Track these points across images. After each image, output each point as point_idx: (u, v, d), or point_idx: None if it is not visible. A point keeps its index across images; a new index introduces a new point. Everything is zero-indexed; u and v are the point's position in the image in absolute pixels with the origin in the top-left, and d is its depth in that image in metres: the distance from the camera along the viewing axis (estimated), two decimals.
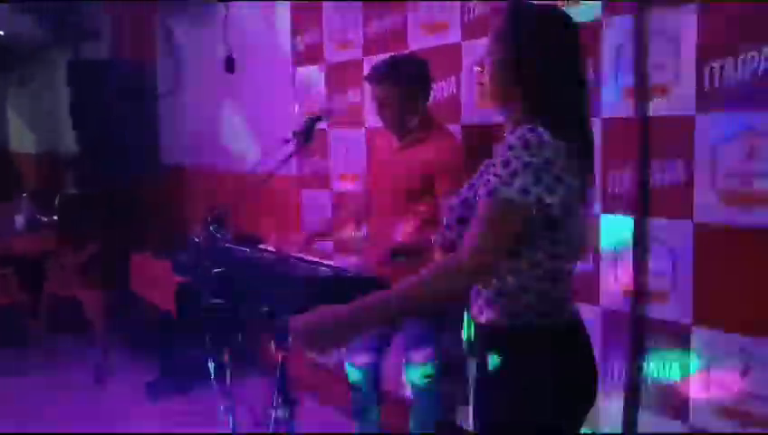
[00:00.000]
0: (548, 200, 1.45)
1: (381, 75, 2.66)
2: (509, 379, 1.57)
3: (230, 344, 2.63)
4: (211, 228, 2.49)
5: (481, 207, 1.48)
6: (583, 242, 1.64)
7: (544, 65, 1.53)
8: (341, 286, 2.22)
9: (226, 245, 2.73)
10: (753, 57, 2.06)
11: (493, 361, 1.58)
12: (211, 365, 2.62)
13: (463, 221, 1.56)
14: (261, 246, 2.77)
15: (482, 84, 1.62)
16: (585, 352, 1.63)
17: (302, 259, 2.49)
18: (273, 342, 2.43)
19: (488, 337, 1.61)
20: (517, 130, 1.49)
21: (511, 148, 1.46)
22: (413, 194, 2.64)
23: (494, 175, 1.46)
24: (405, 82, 2.63)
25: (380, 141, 2.97)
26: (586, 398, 1.62)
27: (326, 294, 2.20)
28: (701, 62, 2.16)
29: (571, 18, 1.60)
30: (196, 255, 2.60)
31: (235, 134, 4.45)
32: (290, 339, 1.66)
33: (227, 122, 4.54)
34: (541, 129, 1.46)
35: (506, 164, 1.45)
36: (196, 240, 2.53)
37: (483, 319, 1.61)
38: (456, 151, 2.67)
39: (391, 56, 2.81)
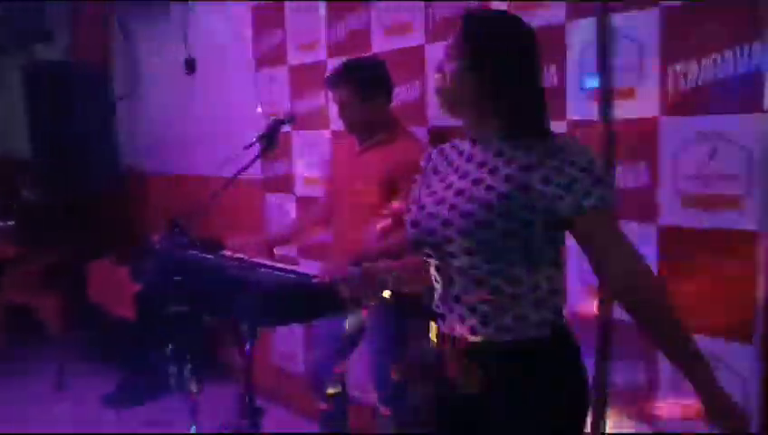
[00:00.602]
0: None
1: (338, 78, 2.63)
2: (524, 398, 1.54)
3: (192, 352, 2.58)
4: (170, 235, 2.43)
5: (601, 222, 1.48)
6: None
7: (506, 72, 1.52)
8: (304, 293, 2.18)
9: (188, 251, 2.67)
10: (715, 60, 2.07)
11: (505, 381, 1.55)
12: (172, 374, 2.56)
13: (487, 224, 1.49)
14: (224, 253, 2.72)
15: (442, 91, 1.60)
16: (581, 360, 1.64)
17: (265, 265, 2.44)
18: (236, 348, 2.38)
19: (486, 354, 1.56)
20: (555, 136, 1.52)
21: (580, 154, 1.49)
22: (376, 197, 2.61)
23: (588, 185, 1.46)
24: (362, 83, 2.60)
25: (341, 145, 2.93)
26: (588, 405, 1.66)
27: (289, 301, 2.17)
28: (665, 64, 2.17)
29: (526, 23, 1.59)
30: (155, 262, 2.54)
31: (198, 137, 4.37)
32: None
33: (189, 125, 4.45)
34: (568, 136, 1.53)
35: (585, 172, 1.47)
36: (156, 247, 2.47)
37: (478, 338, 1.56)
38: (422, 154, 2.64)
39: (348, 59, 2.79)
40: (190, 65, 4.25)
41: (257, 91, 3.80)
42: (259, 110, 3.79)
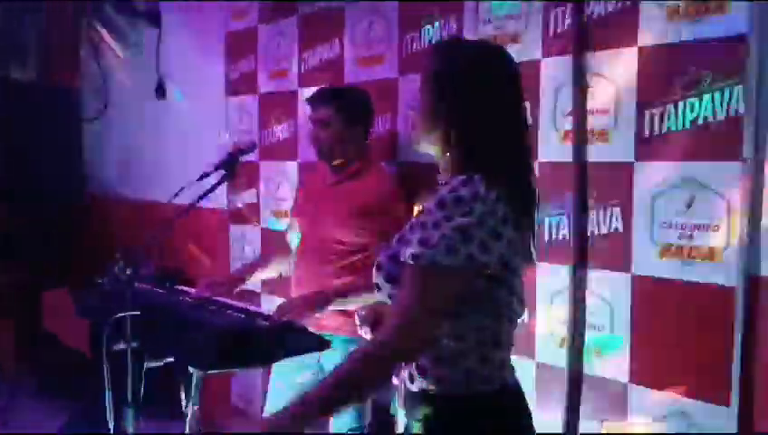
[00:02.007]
0: (482, 259, 1.32)
1: (326, 95, 2.55)
2: None
3: (133, 394, 2.40)
4: (117, 268, 2.28)
5: (406, 275, 1.34)
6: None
7: (477, 107, 1.40)
8: (253, 336, 2.04)
9: (139, 285, 2.52)
10: (693, 105, 1.98)
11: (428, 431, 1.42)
12: (109, 414, 2.38)
13: (393, 280, 1.41)
14: (179, 287, 2.56)
15: (414, 128, 1.51)
16: (527, 419, 1.50)
17: (219, 303, 2.29)
18: (183, 391, 2.23)
19: (423, 405, 1.45)
20: (452, 181, 1.36)
21: (441, 205, 1.33)
22: (347, 233, 2.48)
23: (421, 237, 1.33)
24: (349, 106, 2.52)
25: (312, 176, 2.80)
26: None
27: (237, 345, 2.02)
28: (641, 107, 2.08)
29: (507, 53, 1.48)
30: (100, 296, 2.38)
31: (166, 164, 4.24)
32: None
33: (158, 151, 4.32)
34: (477, 178, 1.34)
35: (436, 225, 1.32)
36: (101, 281, 2.31)
37: (415, 387, 1.46)
38: (396, 192, 2.52)
39: (340, 86, 2.76)
40: (161, 91, 4.14)
41: (227, 118, 3.69)
42: (227, 137, 3.67)
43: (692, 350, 2.00)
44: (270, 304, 3.00)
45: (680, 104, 2.00)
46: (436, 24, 2.62)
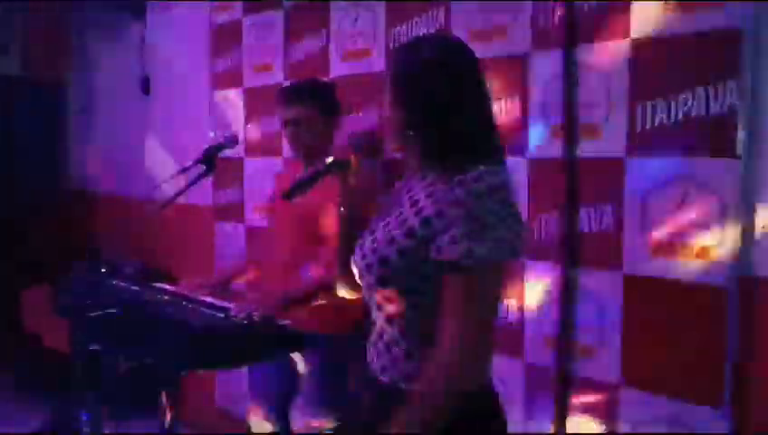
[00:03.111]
0: (518, 249, 1.32)
1: (299, 92, 2.49)
2: None
3: (109, 394, 2.34)
4: (93, 265, 2.22)
5: (456, 280, 1.29)
6: None
7: (420, 99, 1.39)
8: (230, 335, 1.97)
9: (116, 282, 2.45)
10: (686, 99, 1.92)
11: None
12: (84, 417, 2.32)
13: (379, 263, 1.37)
14: (158, 285, 2.50)
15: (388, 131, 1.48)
16: (503, 419, 1.46)
17: (196, 301, 2.23)
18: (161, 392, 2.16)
19: (397, 400, 1.38)
20: (470, 169, 1.32)
21: (474, 195, 1.30)
22: (312, 229, 2.42)
23: (460, 233, 1.28)
24: (324, 101, 2.48)
25: (285, 175, 2.76)
26: None
27: (213, 345, 1.95)
28: (633, 102, 2.02)
29: (465, 45, 1.45)
30: (74, 294, 2.32)
31: (150, 158, 4.16)
32: None
33: (142, 146, 4.24)
34: (492, 166, 1.32)
35: (471, 217, 1.28)
36: (77, 278, 2.25)
37: (389, 381, 1.41)
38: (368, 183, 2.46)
39: (306, 79, 2.66)
40: (145, 84, 4.07)
41: (213, 112, 3.61)
42: (212, 134, 3.59)
43: (684, 350, 1.94)
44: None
45: (673, 99, 1.94)
46: (424, 17, 2.55)
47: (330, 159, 1.56)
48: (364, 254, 1.44)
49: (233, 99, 3.48)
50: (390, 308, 1.41)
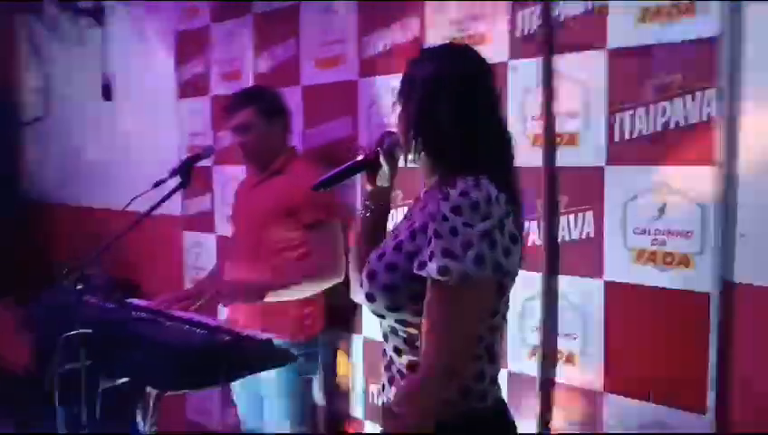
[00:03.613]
0: (506, 266, 1.27)
1: (241, 99, 2.53)
2: None
3: (87, 414, 2.27)
4: (66, 282, 2.14)
5: (435, 294, 1.25)
6: None
7: (464, 111, 1.35)
8: (215, 352, 1.93)
9: (85, 299, 2.37)
10: (664, 108, 1.95)
11: None
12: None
13: (391, 289, 1.33)
14: (131, 301, 2.43)
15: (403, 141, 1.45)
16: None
17: (175, 318, 2.17)
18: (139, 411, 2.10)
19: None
20: (457, 183, 1.27)
21: (456, 210, 1.25)
22: (276, 229, 2.44)
23: (444, 247, 1.24)
24: (266, 105, 2.51)
25: (241, 182, 2.79)
26: None
27: (199, 363, 1.90)
28: (612, 110, 2.04)
29: (471, 55, 1.45)
30: (48, 312, 2.23)
31: (113, 168, 4.06)
32: None
33: (104, 155, 4.13)
34: (484, 180, 1.28)
35: (454, 232, 1.24)
36: (49, 295, 2.17)
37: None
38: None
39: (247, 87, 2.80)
40: (107, 91, 3.96)
41: (179, 121, 3.54)
42: (179, 141, 3.52)
43: (667, 357, 1.97)
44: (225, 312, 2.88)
45: (651, 108, 1.97)
46: (398, 25, 2.54)
47: (360, 156, 1.54)
48: (369, 273, 1.39)
49: (200, 106, 3.42)
50: (384, 324, 1.40)
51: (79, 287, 2.14)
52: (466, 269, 1.23)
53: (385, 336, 1.43)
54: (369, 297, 1.36)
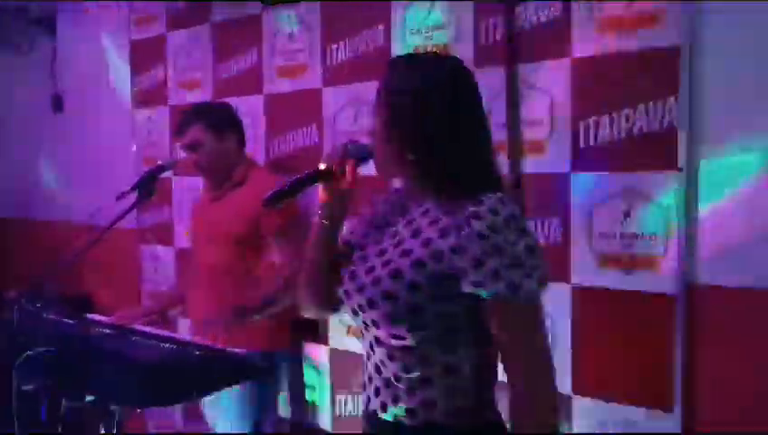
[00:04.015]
0: (548, 274, 1.31)
1: (189, 118, 2.51)
2: None
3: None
4: (24, 299, 2.07)
5: (503, 314, 1.28)
6: None
7: (427, 123, 1.32)
8: (188, 368, 1.89)
9: (44, 315, 2.30)
10: (628, 115, 2.00)
11: None
12: None
13: (385, 298, 1.32)
14: (91, 316, 2.37)
15: (374, 153, 1.41)
16: None
17: (141, 333, 2.12)
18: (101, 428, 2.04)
19: None
20: (483, 200, 1.27)
21: (495, 229, 1.25)
22: (240, 242, 2.42)
23: (498, 267, 1.24)
24: (214, 121, 2.49)
25: (198, 199, 2.76)
26: None
27: (171, 379, 1.86)
28: (576, 118, 2.09)
29: (456, 65, 1.41)
30: (4, 330, 2.15)
31: (67, 181, 3.95)
32: None
33: (57, 167, 4.02)
34: (502, 195, 1.29)
35: (499, 250, 1.24)
36: (3, 311, 2.10)
37: (389, 416, 1.38)
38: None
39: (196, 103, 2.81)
40: (57, 103, 3.86)
41: (135, 131, 3.47)
42: (135, 152, 3.45)
43: (634, 358, 2.01)
44: (186, 327, 2.83)
45: (615, 115, 2.02)
46: (364, 34, 2.55)
47: (322, 166, 1.42)
48: (361, 286, 1.37)
49: (157, 116, 3.36)
50: (392, 343, 1.35)
51: (38, 305, 2.08)
52: (533, 285, 1.26)
53: (377, 341, 1.39)
54: (388, 317, 1.33)
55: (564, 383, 2.14)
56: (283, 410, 2.76)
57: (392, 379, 1.37)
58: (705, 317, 1.91)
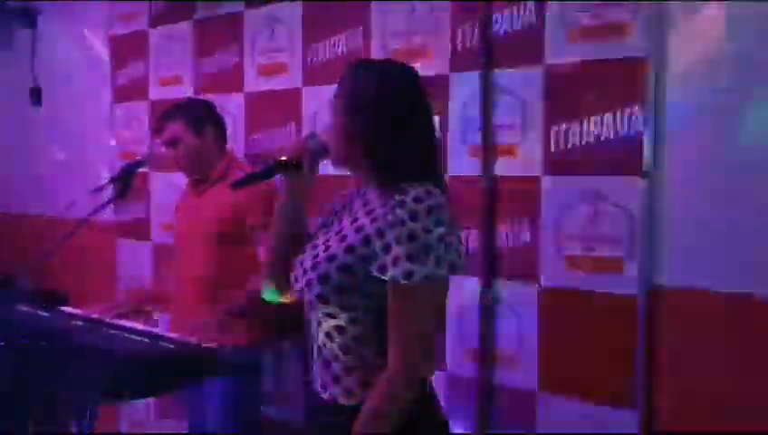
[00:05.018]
0: (458, 265, 1.38)
1: (169, 114, 2.51)
2: None
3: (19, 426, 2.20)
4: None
5: (400, 295, 1.35)
6: None
7: (377, 120, 1.43)
8: (163, 361, 1.92)
9: (18, 308, 2.32)
10: (597, 122, 2.06)
11: None
12: None
13: (344, 291, 1.41)
14: (65, 310, 2.38)
15: (328, 146, 1.53)
16: (443, 422, 1.55)
17: (116, 326, 2.15)
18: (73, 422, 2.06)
19: (338, 416, 1.44)
20: (409, 190, 1.37)
21: (413, 216, 1.34)
22: (223, 238, 2.42)
23: (406, 252, 1.33)
24: (194, 116, 2.50)
25: (180, 197, 2.73)
26: None
27: (144, 371, 1.89)
28: (548, 124, 2.14)
29: (413, 69, 1.53)
30: None
31: (44, 174, 3.94)
32: None
33: (34, 161, 4.01)
34: (432, 187, 1.38)
35: (412, 237, 1.33)
36: None
37: (327, 395, 1.47)
38: (264, 187, 2.46)
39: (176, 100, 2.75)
40: (36, 95, 3.85)
41: (114, 125, 3.48)
42: (114, 147, 3.46)
43: (598, 357, 2.07)
44: (163, 322, 2.84)
45: (584, 121, 2.08)
46: (343, 35, 2.59)
47: (283, 158, 1.54)
48: (305, 269, 1.48)
49: (137, 111, 3.37)
50: (330, 324, 1.45)
51: (12, 296, 2.10)
52: (429, 270, 1.33)
53: (318, 324, 1.49)
54: (319, 298, 1.44)
55: (531, 380, 2.20)
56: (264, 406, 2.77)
57: (331, 359, 1.46)
58: (666, 318, 1.97)
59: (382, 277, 1.36)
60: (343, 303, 1.42)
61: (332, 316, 1.44)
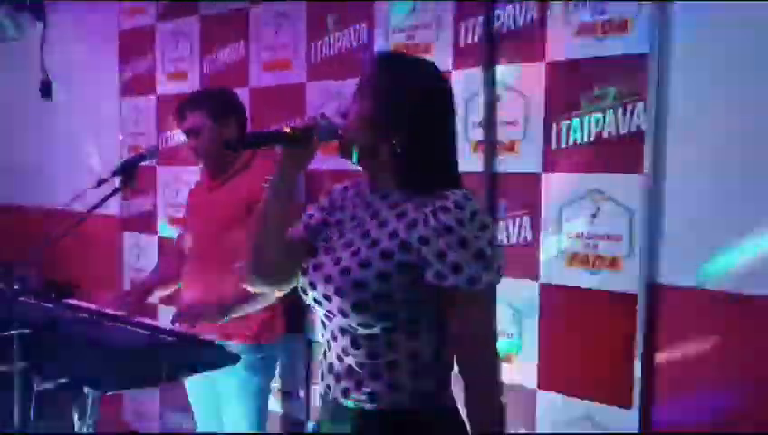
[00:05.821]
0: (504, 267, 1.39)
1: (189, 103, 2.47)
2: None
3: (21, 417, 2.22)
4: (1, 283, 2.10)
5: (463, 304, 1.34)
6: None
7: (408, 117, 1.38)
8: (160, 351, 1.93)
9: (24, 299, 2.33)
10: (597, 119, 2.05)
11: None
12: None
13: (355, 287, 1.36)
14: (69, 301, 2.40)
15: (344, 133, 1.43)
16: None
17: (117, 318, 2.16)
18: (75, 413, 2.08)
19: (362, 423, 1.42)
20: (449, 195, 1.34)
21: (461, 223, 1.32)
22: (239, 229, 2.38)
23: (460, 260, 1.31)
24: (214, 107, 2.46)
25: (194, 188, 2.71)
26: None
27: (142, 361, 1.90)
28: (549, 120, 2.14)
29: (437, 69, 1.49)
30: None
31: (53, 167, 3.97)
32: None
33: (43, 154, 4.04)
34: (467, 192, 1.37)
35: (464, 244, 1.31)
36: None
37: (351, 402, 1.42)
38: None
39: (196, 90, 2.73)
40: (45, 88, 3.87)
41: (121, 120, 3.50)
42: (120, 140, 3.49)
43: (597, 355, 2.07)
44: (167, 317, 2.85)
45: (585, 118, 2.07)
46: (346, 33, 2.59)
47: (287, 129, 1.42)
48: (328, 276, 1.40)
49: (144, 106, 3.39)
50: (358, 332, 1.39)
51: (15, 288, 2.11)
52: (488, 276, 1.33)
53: (341, 331, 1.43)
54: (357, 307, 1.36)
55: (530, 378, 2.20)
56: (275, 404, 2.78)
57: (354, 365, 1.40)
58: (665, 316, 1.96)
59: (441, 285, 1.32)
60: (378, 309, 1.36)
61: (363, 324, 1.37)
